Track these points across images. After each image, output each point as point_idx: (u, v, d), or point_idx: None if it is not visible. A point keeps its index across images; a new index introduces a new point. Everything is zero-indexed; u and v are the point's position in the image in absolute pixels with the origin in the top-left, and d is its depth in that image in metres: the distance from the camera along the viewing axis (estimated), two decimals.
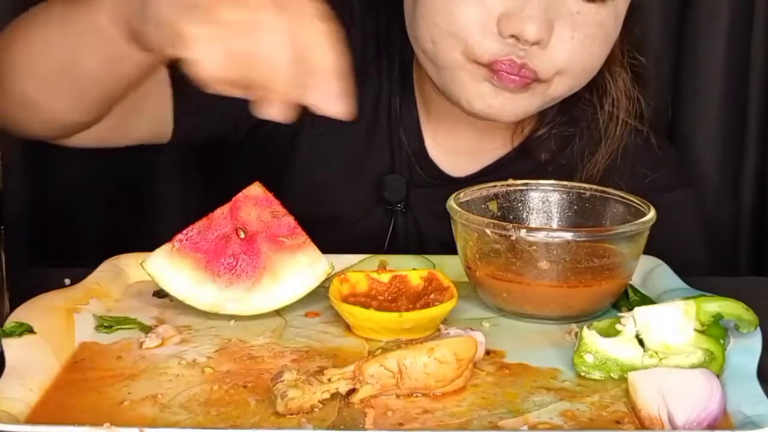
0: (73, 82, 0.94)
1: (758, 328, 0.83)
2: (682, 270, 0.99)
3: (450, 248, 0.96)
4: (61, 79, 0.95)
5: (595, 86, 1.14)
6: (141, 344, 0.85)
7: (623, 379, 0.79)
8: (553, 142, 1.17)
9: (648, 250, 0.95)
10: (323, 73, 0.75)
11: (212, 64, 0.74)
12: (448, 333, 0.80)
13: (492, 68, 1.03)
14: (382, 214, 1.18)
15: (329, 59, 0.74)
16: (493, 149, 1.18)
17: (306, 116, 1.17)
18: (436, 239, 1.12)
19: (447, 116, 1.15)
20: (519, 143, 1.18)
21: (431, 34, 1.05)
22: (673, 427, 0.72)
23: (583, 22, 1.03)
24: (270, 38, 0.73)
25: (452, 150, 1.18)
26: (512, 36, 1.01)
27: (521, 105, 1.06)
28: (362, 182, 1.18)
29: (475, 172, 1.17)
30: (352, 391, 0.75)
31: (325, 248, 0.93)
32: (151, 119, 1.13)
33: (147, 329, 0.87)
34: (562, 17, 1.02)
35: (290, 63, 0.74)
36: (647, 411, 0.73)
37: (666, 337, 0.80)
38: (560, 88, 1.07)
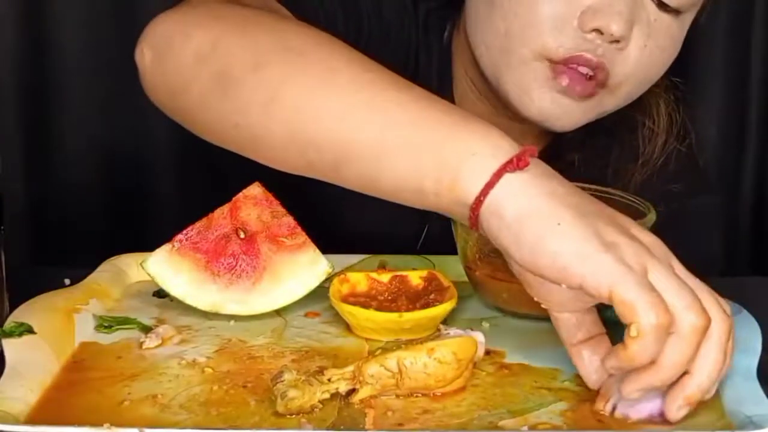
0: None
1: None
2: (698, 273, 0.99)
3: (450, 248, 0.96)
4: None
5: (636, 103, 1.11)
6: (141, 344, 0.85)
7: None
8: (584, 149, 1.14)
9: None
10: None
11: None
12: (448, 333, 0.80)
13: (565, 64, 0.99)
14: (415, 212, 1.16)
15: None
16: None
17: None
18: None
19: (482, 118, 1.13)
20: (548, 144, 1.16)
21: (507, 26, 1.01)
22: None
23: (656, 32, 1.01)
24: None
25: None
26: (594, 30, 0.98)
27: (579, 115, 1.04)
28: None
29: None
30: (352, 391, 0.75)
31: (340, 247, 0.93)
32: None
33: (147, 329, 0.87)
34: (640, 23, 1.00)
35: None
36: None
37: None
38: (619, 99, 1.05)
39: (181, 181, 1.65)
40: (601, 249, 0.70)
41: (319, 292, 0.91)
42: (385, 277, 0.92)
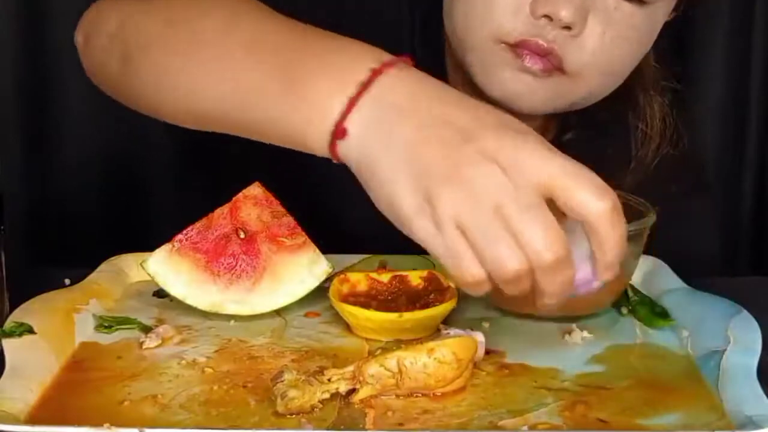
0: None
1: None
2: (686, 272, 0.99)
3: None
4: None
5: (630, 105, 1.13)
6: (141, 344, 0.85)
7: (623, 379, 0.80)
8: (578, 150, 1.15)
9: (666, 255, 0.95)
10: None
11: None
12: (448, 333, 0.80)
13: (518, 48, 1.00)
14: None
15: None
16: None
17: None
18: None
19: None
20: None
21: (465, 10, 1.03)
22: None
23: (617, 21, 1.01)
24: None
25: None
26: (545, 16, 0.98)
27: (542, 95, 1.04)
28: None
29: None
30: (352, 391, 0.75)
31: (334, 246, 0.93)
32: None
33: (147, 329, 0.87)
34: (597, 11, 1.00)
35: None
36: None
37: None
38: (584, 88, 1.05)
39: (181, 181, 1.64)
40: (411, 213, 0.70)
41: (319, 292, 0.91)
42: (385, 277, 0.92)
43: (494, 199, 0.68)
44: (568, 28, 0.99)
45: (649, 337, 0.89)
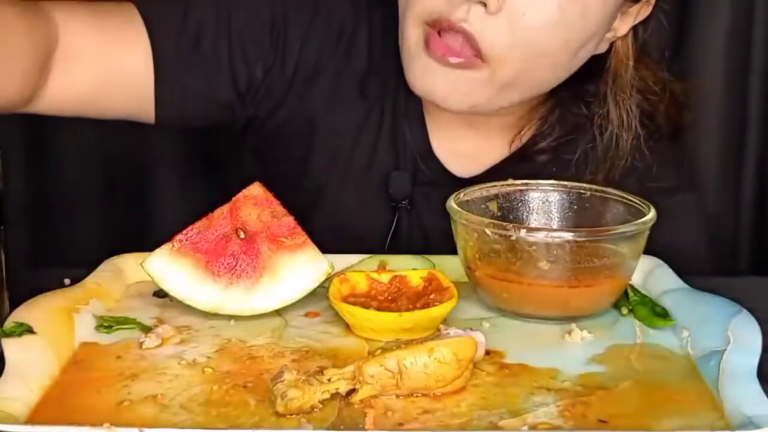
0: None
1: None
2: (686, 272, 0.99)
3: (454, 247, 0.96)
4: None
5: (599, 109, 1.12)
6: (141, 344, 0.85)
7: (623, 379, 0.80)
8: (553, 151, 1.15)
9: (653, 253, 0.95)
10: None
11: None
12: (448, 333, 0.80)
13: (433, 28, 0.99)
14: (385, 212, 1.17)
15: None
16: (495, 150, 1.18)
17: (312, 115, 1.18)
18: (440, 238, 1.11)
19: (446, 114, 1.15)
20: (518, 148, 1.17)
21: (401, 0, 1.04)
22: None
23: (539, 1, 0.99)
24: None
25: (454, 150, 1.18)
26: None
27: (464, 88, 1.03)
28: (367, 179, 1.17)
29: (479, 174, 1.17)
30: (352, 391, 0.75)
31: (327, 245, 0.93)
32: (131, 92, 1.11)
33: (147, 329, 0.87)
34: None
35: None
36: None
37: None
38: (509, 74, 1.02)
39: (181, 181, 1.65)
40: None
41: (319, 292, 0.91)
42: (385, 277, 0.92)
43: None
44: (483, 4, 0.97)
45: (649, 337, 0.89)
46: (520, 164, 1.15)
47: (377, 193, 1.17)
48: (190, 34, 1.11)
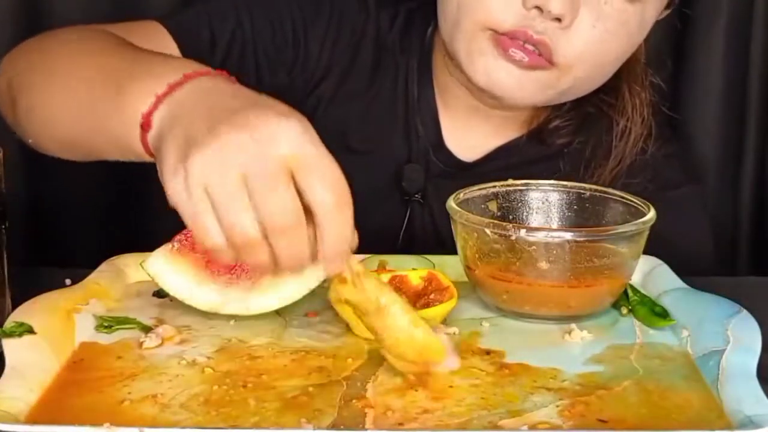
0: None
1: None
2: (691, 267, 0.99)
3: None
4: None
5: (615, 99, 1.15)
6: (141, 344, 0.85)
7: (623, 379, 0.80)
8: (564, 138, 1.17)
9: (656, 248, 0.95)
10: None
11: None
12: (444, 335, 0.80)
13: (507, 38, 1.04)
14: (398, 206, 1.18)
15: None
16: (507, 139, 1.19)
17: (323, 112, 1.20)
18: (450, 232, 1.12)
19: (463, 107, 1.17)
20: (532, 131, 1.19)
21: (460, 0, 1.06)
22: None
23: (607, 15, 1.04)
24: None
25: (464, 139, 1.19)
26: (536, 7, 1.02)
27: (528, 87, 1.07)
28: (379, 174, 1.18)
29: (489, 153, 1.19)
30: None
31: None
32: None
33: (147, 329, 0.87)
34: (588, 4, 1.03)
35: None
36: None
37: None
38: (571, 80, 1.08)
39: None
40: (168, 174, 0.74)
41: (319, 292, 0.91)
42: (385, 277, 0.92)
43: (242, 167, 0.71)
44: (558, 20, 1.02)
45: (649, 337, 0.89)
46: (532, 146, 1.17)
47: (389, 187, 1.18)
48: (217, 56, 1.14)
